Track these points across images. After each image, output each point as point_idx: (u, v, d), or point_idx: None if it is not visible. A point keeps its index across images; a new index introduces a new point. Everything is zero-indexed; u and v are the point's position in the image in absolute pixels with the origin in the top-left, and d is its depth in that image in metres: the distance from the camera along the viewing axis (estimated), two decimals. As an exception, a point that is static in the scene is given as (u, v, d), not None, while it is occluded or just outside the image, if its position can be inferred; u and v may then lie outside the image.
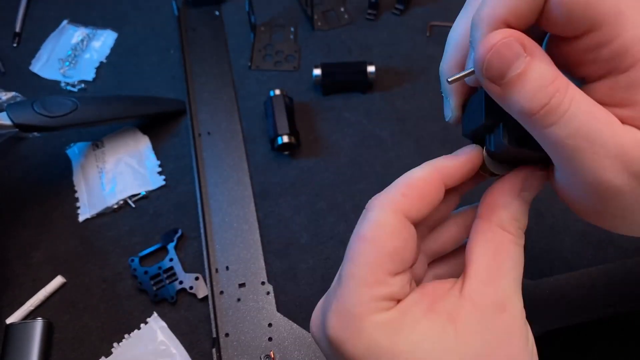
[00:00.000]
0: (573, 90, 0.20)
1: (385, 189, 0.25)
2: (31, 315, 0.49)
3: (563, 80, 0.20)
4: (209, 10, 0.69)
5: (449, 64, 0.26)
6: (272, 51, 0.66)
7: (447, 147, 0.57)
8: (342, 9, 0.69)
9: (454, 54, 0.26)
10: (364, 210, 0.25)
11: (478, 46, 0.21)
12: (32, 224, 0.54)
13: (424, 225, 0.29)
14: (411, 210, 0.24)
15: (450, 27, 0.28)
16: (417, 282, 0.29)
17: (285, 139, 0.55)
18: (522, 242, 0.25)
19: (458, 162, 0.26)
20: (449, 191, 0.27)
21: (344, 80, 0.61)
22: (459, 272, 0.26)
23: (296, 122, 0.58)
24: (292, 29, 0.68)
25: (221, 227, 0.52)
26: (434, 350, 0.22)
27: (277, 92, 0.58)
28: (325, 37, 0.67)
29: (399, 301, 0.24)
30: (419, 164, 0.26)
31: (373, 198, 0.25)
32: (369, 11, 0.68)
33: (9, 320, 0.48)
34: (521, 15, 0.20)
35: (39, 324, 0.47)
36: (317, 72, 0.60)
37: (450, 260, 0.30)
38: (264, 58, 0.65)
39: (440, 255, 0.30)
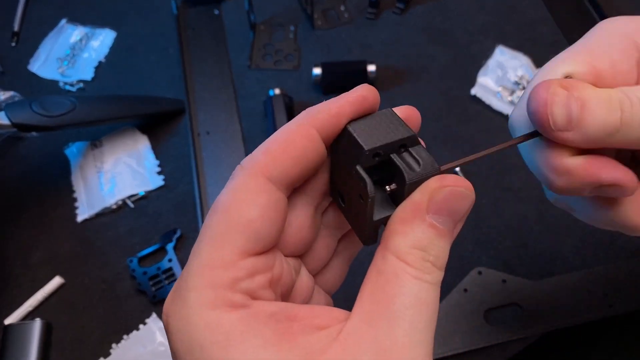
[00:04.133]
0: (630, 90, 0.21)
1: None
2: (30, 315, 0.49)
3: (626, 89, 0.21)
4: (208, 9, 0.68)
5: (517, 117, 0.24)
6: (271, 50, 0.65)
7: (448, 147, 0.57)
8: (342, 8, 0.69)
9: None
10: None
11: (529, 105, 0.21)
12: (30, 224, 0.54)
13: (318, 194, 0.23)
14: (275, 169, 0.20)
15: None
16: (320, 265, 0.24)
17: (285, 138, 0.55)
18: (432, 279, 0.19)
19: (340, 105, 0.20)
20: None
21: (344, 79, 0.60)
22: None
23: (296, 121, 0.58)
24: (292, 28, 0.67)
25: (220, 227, 0.52)
26: None
27: (277, 91, 0.58)
28: (325, 36, 0.67)
29: (253, 298, 0.19)
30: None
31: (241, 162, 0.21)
32: (369, 10, 0.68)
33: (7, 321, 0.48)
34: None
35: (37, 325, 0.47)
36: (317, 71, 0.59)
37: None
38: (264, 57, 0.65)
39: (345, 230, 0.25)
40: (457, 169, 0.54)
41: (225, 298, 0.18)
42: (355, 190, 0.21)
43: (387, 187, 0.20)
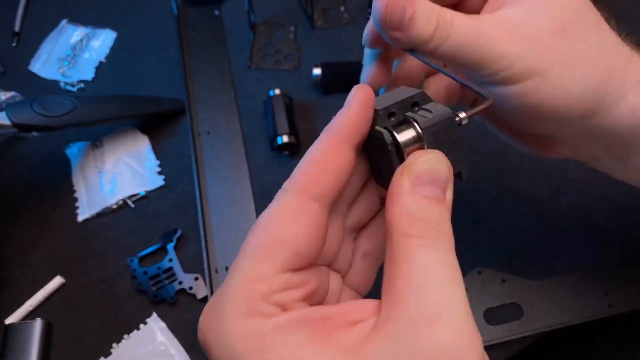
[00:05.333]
0: (452, 15, 0.25)
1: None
2: (30, 315, 0.49)
3: (443, 11, 0.25)
4: (208, 9, 0.69)
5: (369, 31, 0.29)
6: (271, 50, 0.65)
7: (448, 147, 0.57)
8: (342, 8, 0.69)
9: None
10: None
11: (375, 6, 0.25)
12: (31, 224, 0.54)
13: (343, 203, 0.24)
14: (318, 188, 0.21)
15: None
16: (345, 266, 0.25)
17: (285, 138, 0.55)
18: (442, 244, 0.19)
19: (353, 112, 0.22)
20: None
21: (344, 79, 0.60)
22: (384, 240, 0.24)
23: (296, 121, 0.58)
24: (292, 28, 0.67)
25: (221, 227, 0.52)
26: None
27: (277, 91, 0.58)
28: (325, 36, 0.67)
29: (284, 310, 0.19)
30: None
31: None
32: (369, 10, 0.68)
33: (8, 321, 0.48)
34: None
35: (38, 325, 0.47)
36: (317, 71, 0.59)
37: (372, 229, 0.26)
38: (264, 57, 0.65)
39: (360, 226, 0.26)
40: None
41: (259, 309, 0.19)
42: (383, 154, 0.22)
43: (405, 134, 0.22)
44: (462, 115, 0.22)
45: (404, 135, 0.21)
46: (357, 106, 0.22)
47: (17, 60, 0.66)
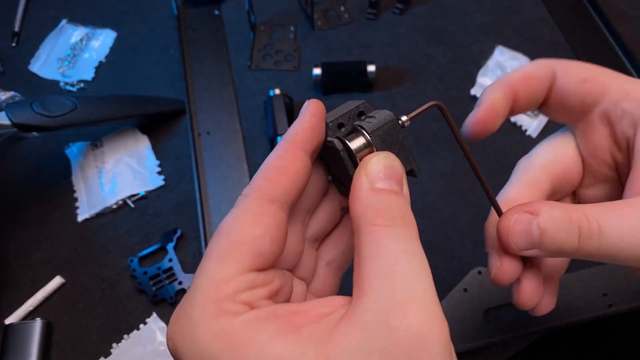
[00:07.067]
0: (594, 214, 0.22)
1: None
2: (30, 315, 0.49)
3: (580, 214, 0.22)
4: (208, 9, 0.69)
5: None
6: (272, 51, 0.65)
7: (448, 147, 0.57)
8: (342, 9, 0.69)
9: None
10: None
11: (499, 234, 0.24)
12: (31, 224, 0.54)
13: (303, 211, 0.25)
14: (276, 191, 0.21)
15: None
16: (309, 274, 0.25)
17: (285, 138, 0.55)
18: (408, 231, 0.20)
19: (306, 121, 0.23)
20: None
21: (344, 79, 0.60)
22: (346, 248, 0.26)
23: (296, 121, 0.58)
24: (292, 29, 0.67)
25: (221, 227, 0.52)
26: None
27: (277, 91, 0.58)
28: (325, 37, 0.67)
29: (252, 308, 0.20)
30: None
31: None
32: (369, 10, 0.68)
33: (8, 321, 0.48)
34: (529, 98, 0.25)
35: (38, 325, 0.47)
36: (317, 71, 0.59)
37: (335, 238, 0.27)
38: (264, 57, 0.65)
39: (323, 236, 0.27)
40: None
41: (227, 308, 0.19)
42: (339, 163, 0.23)
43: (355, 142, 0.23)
44: (404, 118, 0.24)
45: (355, 142, 0.23)
46: (309, 116, 0.23)
47: (17, 60, 0.66)
